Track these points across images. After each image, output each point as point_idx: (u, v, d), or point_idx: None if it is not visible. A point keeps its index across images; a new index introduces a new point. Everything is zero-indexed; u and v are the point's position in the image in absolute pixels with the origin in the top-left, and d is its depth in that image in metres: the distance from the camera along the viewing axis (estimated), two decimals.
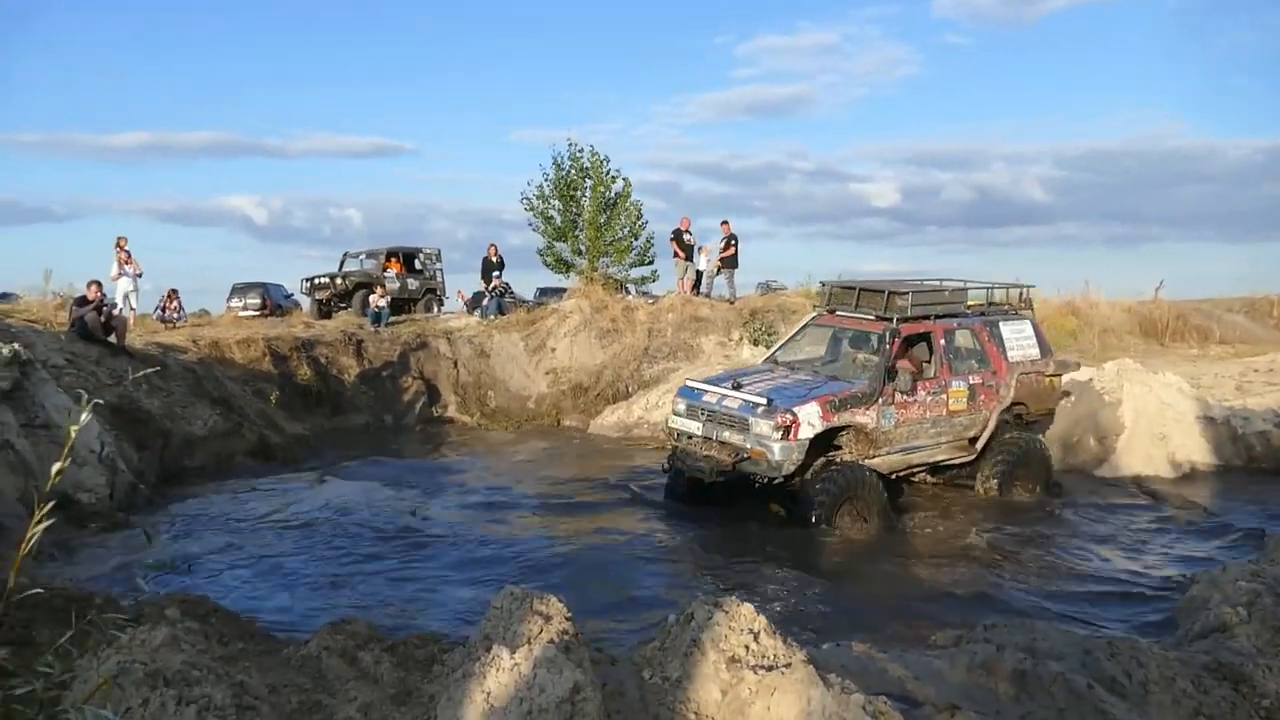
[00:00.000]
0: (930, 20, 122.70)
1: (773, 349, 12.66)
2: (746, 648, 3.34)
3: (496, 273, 23.06)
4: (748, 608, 3.50)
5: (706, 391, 10.53)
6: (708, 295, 21.22)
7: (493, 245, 23.22)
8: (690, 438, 10.47)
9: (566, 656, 3.21)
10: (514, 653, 3.22)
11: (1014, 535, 10.31)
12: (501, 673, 3.15)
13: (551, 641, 3.34)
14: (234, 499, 11.64)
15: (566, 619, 3.60)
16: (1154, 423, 13.38)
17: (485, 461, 14.92)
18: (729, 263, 20.70)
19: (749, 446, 9.81)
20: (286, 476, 13.23)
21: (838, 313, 11.62)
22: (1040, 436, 11.99)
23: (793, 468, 9.77)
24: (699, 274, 21.68)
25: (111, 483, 10.42)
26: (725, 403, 10.17)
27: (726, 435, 10.08)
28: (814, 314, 12.28)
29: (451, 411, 18.90)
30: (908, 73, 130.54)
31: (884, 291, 11.03)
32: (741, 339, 19.59)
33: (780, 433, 9.60)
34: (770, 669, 3.21)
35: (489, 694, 3.10)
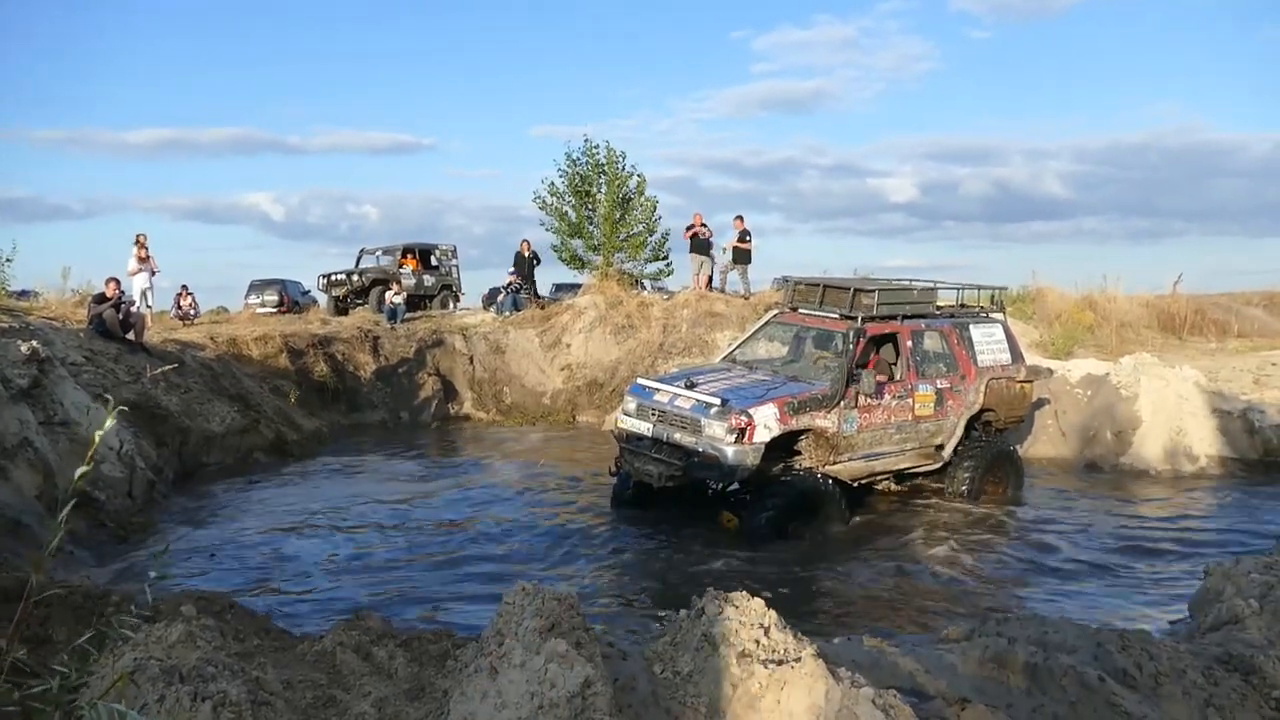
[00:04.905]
0: (949, 14, 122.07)
1: (730, 347, 11.97)
2: (757, 642, 3.34)
3: (536, 265, 23.23)
4: (758, 602, 3.50)
5: (658, 390, 9.97)
6: (722, 290, 21.19)
7: (525, 241, 23.26)
8: (640, 439, 9.88)
9: (578, 651, 3.22)
10: (526, 647, 3.24)
11: (1018, 530, 10.26)
12: (513, 668, 3.17)
13: (563, 636, 3.35)
14: (250, 496, 11.76)
15: (578, 614, 3.61)
16: (1170, 416, 13.34)
17: (499, 459, 14.94)
18: (743, 258, 20.67)
19: (701, 449, 9.26)
20: (303, 473, 13.33)
21: (800, 310, 11.13)
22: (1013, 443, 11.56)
23: (747, 473, 9.24)
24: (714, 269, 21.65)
25: (130, 480, 10.51)
26: (677, 402, 9.60)
27: (678, 437, 9.48)
28: (775, 311, 11.76)
29: (467, 408, 18.95)
30: (927, 68, 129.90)
31: (849, 289, 10.54)
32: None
33: (734, 435, 9.03)
34: (780, 663, 3.22)
35: (501, 689, 3.12)
